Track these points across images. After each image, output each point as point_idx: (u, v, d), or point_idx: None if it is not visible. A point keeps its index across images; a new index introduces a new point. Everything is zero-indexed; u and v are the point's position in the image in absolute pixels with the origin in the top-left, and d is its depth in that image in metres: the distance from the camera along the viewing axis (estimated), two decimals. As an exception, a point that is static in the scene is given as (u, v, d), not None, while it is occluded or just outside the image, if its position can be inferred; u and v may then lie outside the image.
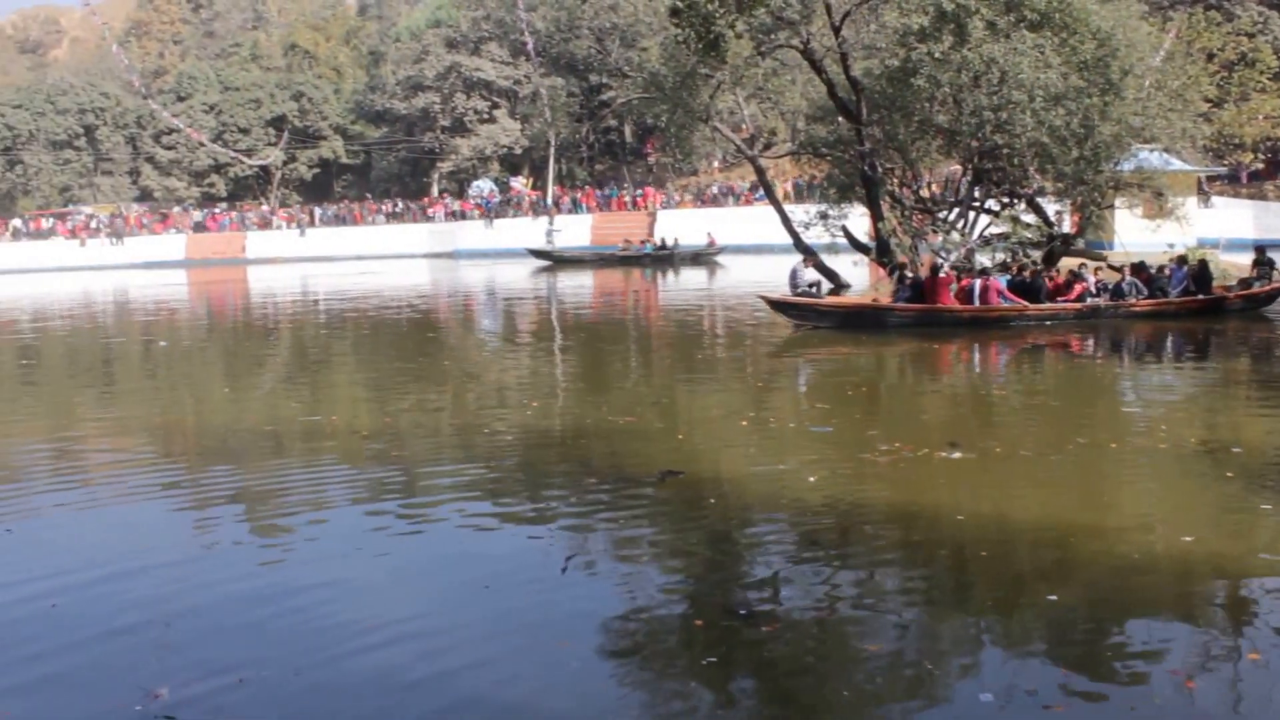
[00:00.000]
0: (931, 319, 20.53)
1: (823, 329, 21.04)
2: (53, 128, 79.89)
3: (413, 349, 22.12)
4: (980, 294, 20.47)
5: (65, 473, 11.67)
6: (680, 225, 54.26)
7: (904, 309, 20.90)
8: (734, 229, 50.69)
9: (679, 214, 59.01)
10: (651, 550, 8.22)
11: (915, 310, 20.76)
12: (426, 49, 73.15)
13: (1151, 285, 21.21)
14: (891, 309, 21.08)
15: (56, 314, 36.10)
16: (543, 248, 54.02)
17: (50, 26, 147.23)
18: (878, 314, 21.18)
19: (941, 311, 20.51)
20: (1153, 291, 21.11)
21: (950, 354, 18.71)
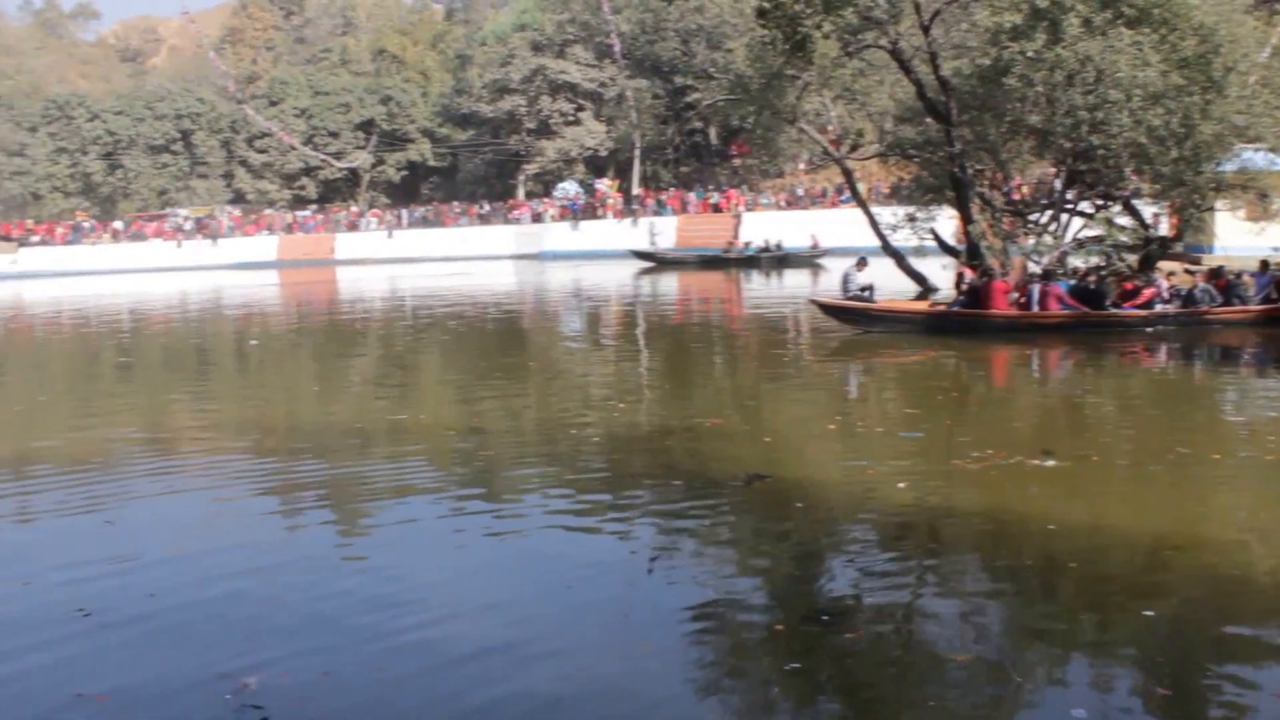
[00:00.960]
0: (985, 325, 20.14)
1: (874, 333, 20.73)
2: (151, 133, 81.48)
3: (500, 349, 22.17)
4: (1039, 300, 20.03)
5: (161, 467, 11.88)
6: (765, 227, 53.91)
7: (957, 314, 20.61)
8: (819, 231, 50.20)
9: (763, 216, 58.66)
10: (735, 553, 8.15)
11: (968, 315, 20.42)
12: (512, 52, 73.50)
13: (1228, 292, 20.38)
14: (945, 314, 20.80)
15: (153, 313, 36.76)
16: (646, 249, 53.81)
17: (149, 35, 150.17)
18: (929, 319, 20.92)
19: (995, 317, 20.13)
20: (1229, 299, 20.29)
21: (1027, 360, 18.26)
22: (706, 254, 51.66)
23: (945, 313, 20.80)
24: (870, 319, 21.05)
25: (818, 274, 41.48)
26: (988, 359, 18.35)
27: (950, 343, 19.32)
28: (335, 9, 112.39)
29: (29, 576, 8.03)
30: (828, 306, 21.80)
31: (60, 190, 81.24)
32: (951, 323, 20.47)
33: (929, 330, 20.51)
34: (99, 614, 7.08)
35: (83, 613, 7.08)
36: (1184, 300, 20.21)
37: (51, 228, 72.90)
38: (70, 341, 28.62)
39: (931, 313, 21.12)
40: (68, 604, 7.27)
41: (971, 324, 20.19)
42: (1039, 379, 17.04)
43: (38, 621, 7.07)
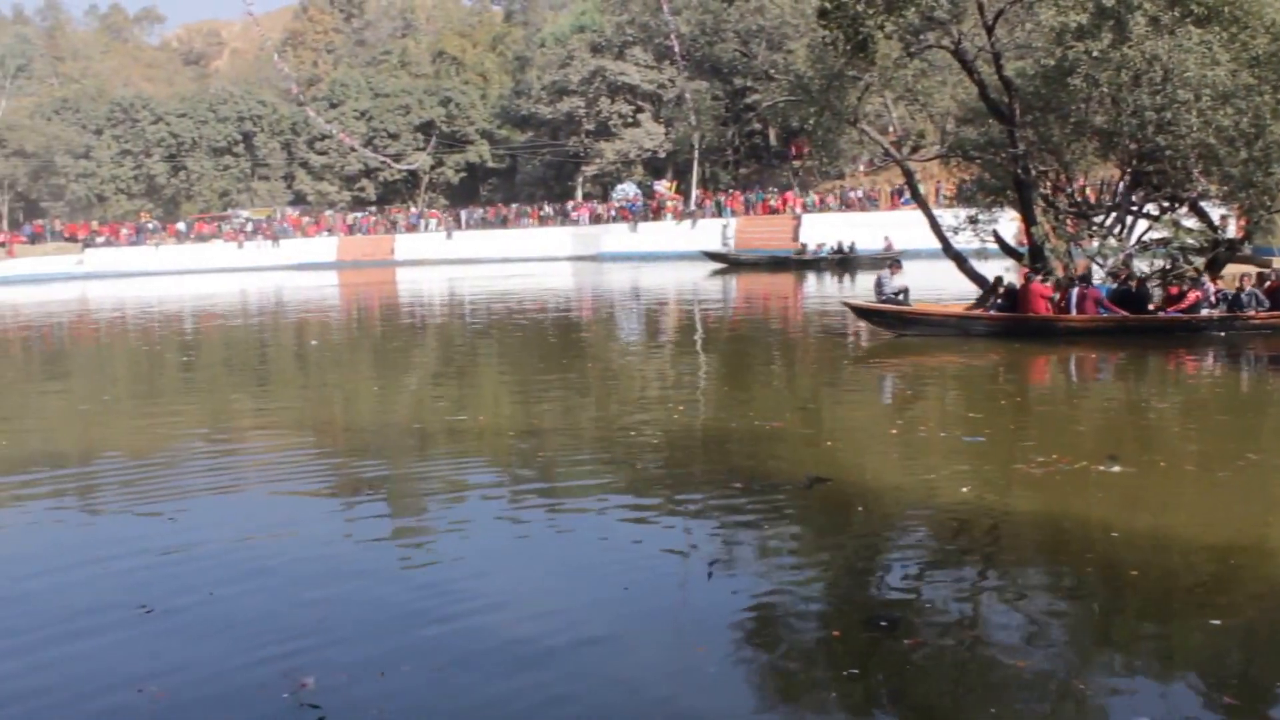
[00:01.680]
0: (1020, 328, 19.90)
1: (907, 336, 20.61)
2: (214, 135, 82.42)
3: (559, 350, 22.17)
4: (1077, 303, 19.73)
5: (222, 465, 12.03)
6: (824, 229, 53.63)
7: (992, 318, 20.38)
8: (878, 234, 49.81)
9: (823, 218, 58.35)
10: (794, 557, 8.09)
11: (1003, 319, 20.20)
12: (571, 54, 73.65)
13: (1276, 296, 19.92)
14: (978, 317, 20.58)
15: (215, 313, 37.14)
16: (719, 250, 53.54)
17: (212, 39, 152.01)
18: (964, 322, 20.72)
19: (1031, 321, 19.88)
20: (1276, 304, 19.84)
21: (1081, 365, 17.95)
22: (779, 255, 51.24)
23: (980, 316, 20.59)
24: (904, 322, 20.98)
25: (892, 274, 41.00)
26: (1039, 363, 18.13)
27: (991, 346, 19.17)
28: (395, 11, 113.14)
29: (93, 572, 8.13)
30: (861, 309, 21.73)
31: (125, 192, 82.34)
32: (987, 326, 20.27)
33: (964, 334, 20.35)
34: (160, 610, 7.16)
35: (145, 609, 7.16)
36: (1230, 304, 19.85)
37: (116, 229, 73.95)
38: (134, 341, 28.95)
39: (966, 316, 20.93)
40: (130, 599, 7.36)
41: (1008, 328, 20.00)
42: (1098, 383, 16.79)
43: (101, 616, 7.15)
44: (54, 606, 7.43)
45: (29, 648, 6.70)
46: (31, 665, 6.44)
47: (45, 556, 8.63)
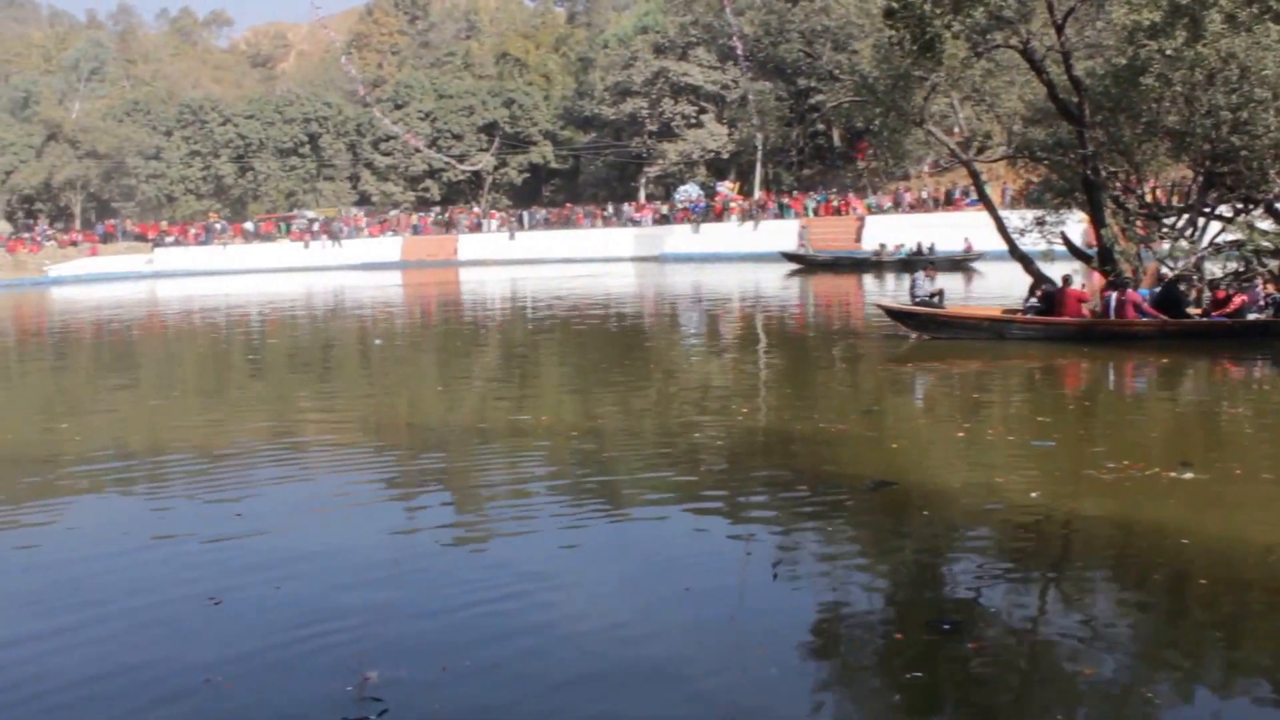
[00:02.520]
0: (1056, 332, 19.64)
1: (940, 339, 20.41)
2: (280, 136, 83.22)
3: (621, 351, 22.14)
4: (1116, 308, 19.42)
5: (288, 462, 12.24)
6: (889, 230, 53.17)
7: (1026, 321, 20.14)
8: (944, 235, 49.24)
9: (887, 219, 57.90)
10: (857, 560, 8.02)
11: (1038, 323, 19.94)
12: (634, 55, 73.60)
13: None
14: (1012, 320, 20.34)
15: (281, 312, 37.50)
16: (796, 251, 53.07)
17: (279, 41, 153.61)
18: (997, 325, 20.46)
19: (1067, 325, 19.62)
20: None
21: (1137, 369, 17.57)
22: (858, 256, 50.55)
23: (1014, 320, 20.38)
24: (937, 325, 20.86)
25: (971, 278, 40.48)
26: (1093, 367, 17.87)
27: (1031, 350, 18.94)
28: (459, 13, 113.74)
29: (163, 563, 8.32)
30: (894, 311, 21.60)
31: (193, 192, 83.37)
32: (1021, 330, 20.05)
33: (996, 336, 20.13)
34: (228, 601, 7.29)
35: (213, 600, 7.29)
36: (1277, 309, 19.39)
37: (185, 228, 74.87)
38: (202, 339, 29.30)
39: (999, 319, 20.71)
40: (199, 590, 7.49)
41: (1043, 331, 19.78)
42: (1163, 389, 16.46)
43: (170, 606, 7.31)
44: (124, 596, 7.58)
45: (100, 637, 6.83)
46: (101, 653, 6.58)
47: (116, 547, 8.82)
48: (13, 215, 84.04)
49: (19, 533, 9.39)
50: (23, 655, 6.62)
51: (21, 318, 40.34)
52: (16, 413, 17.56)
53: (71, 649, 6.67)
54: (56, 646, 6.72)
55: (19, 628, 7.08)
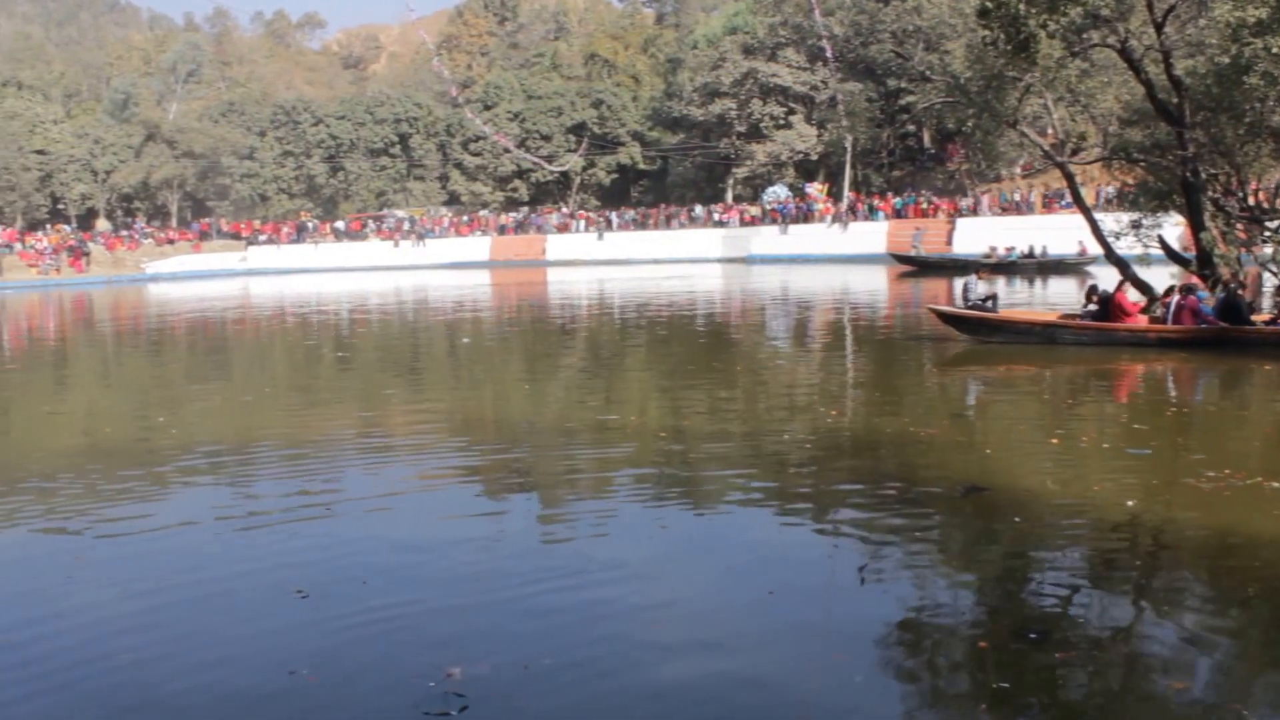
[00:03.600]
0: (1108, 338, 19.27)
1: (992, 343, 20.18)
2: (371, 136, 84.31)
3: (709, 352, 22.05)
4: (1175, 314, 18.96)
5: (375, 457, 12.37)
6: (981, 232, 52.54)
7: (1079, 326, 19.77)
8: (1035, 237, 48.45)
9: (977, 221, 57.21)
10: (945, 566, 7.91)
11: (1091, 328, 19.56)
12: (723, 55, 73.42)
13: None
14: (1065, 326, 20.00)
15: (370, 309, 37.90)
16: (907, 253, 52.45)
17: (370, 43, 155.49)
18: (1049, 330, 20.14)
19: (1120, 331, 19.21)
20: None
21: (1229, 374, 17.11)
22: (968, 259, 49.37)
23: (1066, 324, 20.05)
24: (989, 328, 20.62)
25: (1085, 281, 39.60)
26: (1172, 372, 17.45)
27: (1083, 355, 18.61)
28: (548, 14, 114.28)
29: (252, 556, 8.41)
30: (946, 315, 21.36)
31: (286, 191, 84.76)
32: (1074, 335, 19.70)
33: (1049, 341, 19.80)
34: (315, 595, 7.37)
35: (301, 594, 7.39)
36: None
37: (277, 227, 76.11)
38: (292, 336, 29.69)
39: (1051, 324, 20.41)
40: (287, 584, 7.59)
41: (1095, 336, 19.44)
42: (1261, 397, 16.03)
43: (259, 600, 7.41)
44: (214, 588, 7.70)
45: (189, 630, 6.94)
46: (189, 644, 6.68)
47: (207, 539, 8.97)
48: (112, 214, 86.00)
49: (114, 525, 9.57)
50: (112, 645, 6.75)
51: (120, 313, 41.15)
52: (115, 406, 17.93)
53: (161, 639, 6.78)
54: (145, 637, 6.84)
55: (110, 618, 7.21)
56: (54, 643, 6.79)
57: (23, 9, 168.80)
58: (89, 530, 9.40)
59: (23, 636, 6.94)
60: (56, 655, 6.59)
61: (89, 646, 6.73)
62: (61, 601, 7.56)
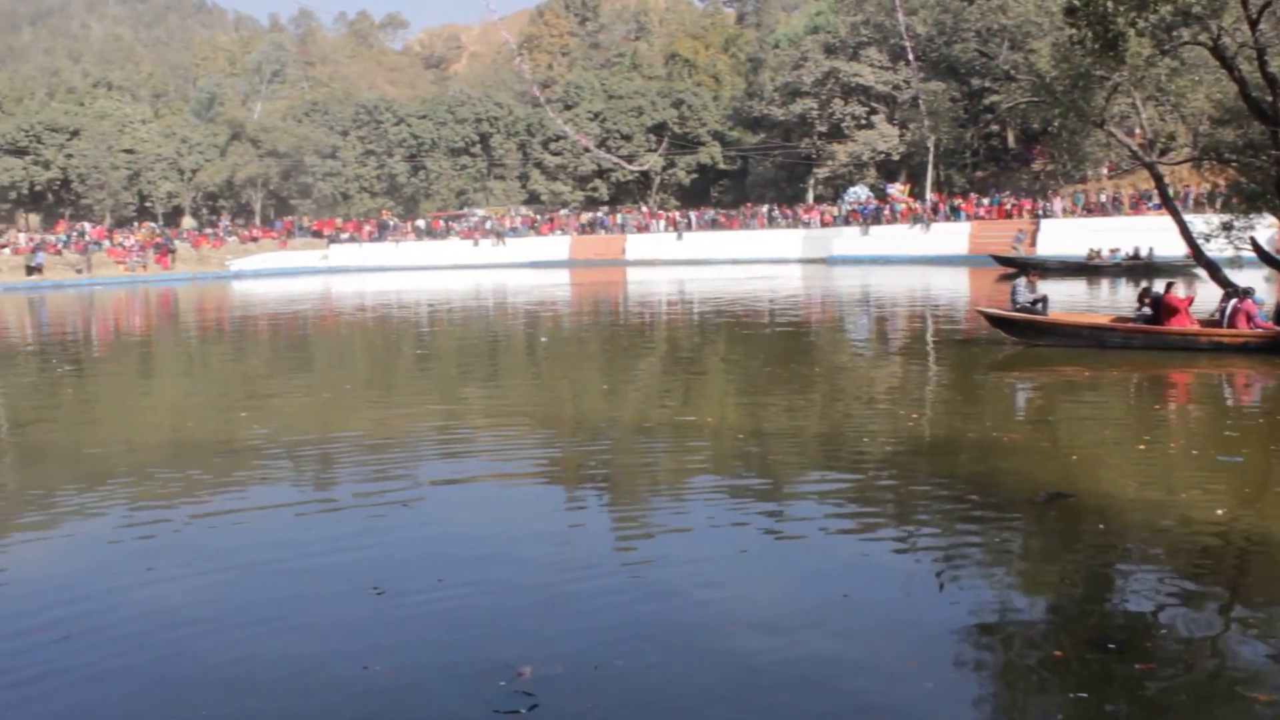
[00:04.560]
0: (1159, 341, 18.89)
1: (1040, 346, 19.89)
2: (452, 136, 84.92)
3: (788, 353, 21.87)
4: (1229, 317, 18.51)
5: (453, 455, 12.43)
6: (1065, 234, 51.72)
7: (1128, 329, 19.42)
8: (1122, 239, 47.51)
9: (1063, 223, 56.29)
10: (1024, 573, 7.81)
11: (1141, 331, 19.20)
12: (804, 55, 73.06)
13: None
14: (1114, 329, 19.66)
15: (449, 308, 38.13)
16: (1008, 254, 51.44)
17: (452, 43, 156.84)
18: (1097, 333, 19.81)
19: (1170, 334, 18.82)
20: None
21: None
22: (1071, 261, 48.33)
23: (1115, 328, 19.73)
24: (1038, 331, 20.34)
25: (1192, 284, 38.71)
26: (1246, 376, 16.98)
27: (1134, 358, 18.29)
28: (629, 14, 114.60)
29: (329, 551, 8.51)
30: (995, 318, 21.11)
31: (367, 190, 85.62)
32: (1123, 338, 19.39)
33: (1099, 345, 19.45)
34: (391, 591, 7.44)
35: (377, 590, 7.45)
36: None
37: (359, 225, 76.69)
38: (373, 333, 29.93)
39: (1099, 327, 20.09)
40: (364, 580, 7.66)
41: (1144, 339, 19.11)
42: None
43: (335, 594, 7.49)
44: (292, 582, 7.83)
45: (265, 620, 7.07)
46: (266, 635, 6.80)
47: (286, 534, 9.11)
48: (198, 212, 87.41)
49: (194, 518, 9.71)
50: (190, 636, 6.85)
51: (204, 310, 41.75)
52: (198, 401, 18.17)
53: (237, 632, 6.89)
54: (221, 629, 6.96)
55: (187, 610, 7.31)
56: (131, 630, 6.95)
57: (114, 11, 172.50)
58: (170, 522, 9.55)
59: (102, 623, 7.10)
60: (134, 643, 6.74)
61: (166, 636, 6.86)
62: (141, 591, 7.71)
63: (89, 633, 6.93)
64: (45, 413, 17.02)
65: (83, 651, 6.65)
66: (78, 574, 8.25)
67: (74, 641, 6.80)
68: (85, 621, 7.13)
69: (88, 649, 6.68)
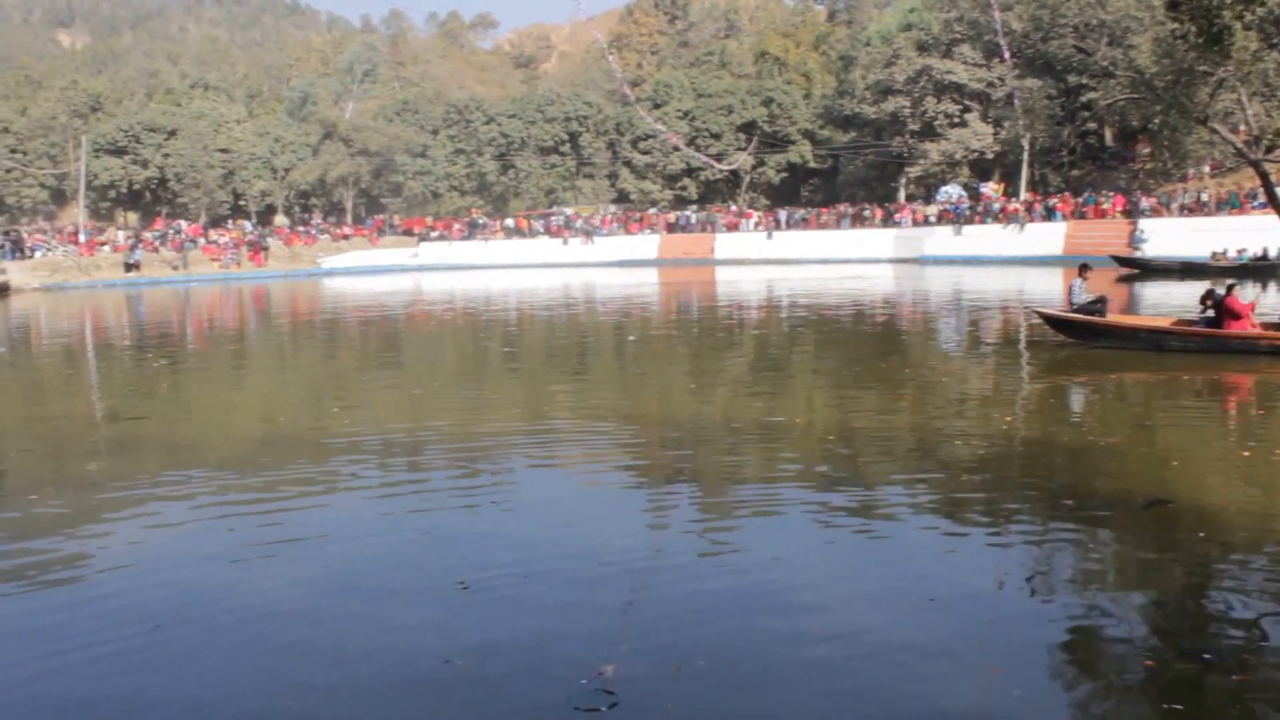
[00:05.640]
0: (1218, 345, 18.37)
1: (1097, 348, 19.46)
2: (541, 135, 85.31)
3: (879, 354, 21.60)
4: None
5: (541, 453, 12.45)
6: (1164, 234, 50.54)
7: (1186, 332, 18.91)
8: (1226, 240, 46.18)
9: (1163, 223, 54.91)
10: (1119, 580, 7.62)
11: (1199, 334, 18.68)
12: (897, 53, 72.30)
13: None
14: (1171, 331, 19.13)
15: (538, 306, 38.25)
16: (1129, 255, 50.08)
17: (541, 42, 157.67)
18: (1154, 335, 19.28)
19: (1230, 338, 18.28)
20: None
21: None
22: (1194, 262, 46.61)
23: (1173, 330, 19.21)
24: (1094, 333, 19.92)
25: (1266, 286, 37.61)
26: None
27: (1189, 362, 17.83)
28: (718, 13, 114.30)
29: (419, 548, 8.57)
30: (1051, 318, 20.76)
31: (457, 189, 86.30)
32: (1181, 340, 18.90)
33: (1156, 348, 18.98)
34: (476, 587, 7.49)
35: (462, 585, 7.52)
36: None
37: (449, 224, 77.22)
38: (462, 330, 30.05)
39: (1157, 329, 19.55)
40: (450, 575, 7.75)
41: (1202, 343, 18.61)
42: None
43: (421, 589, 7.58)
44: (378, 575, 7.93)
45: (351, 615, 7.15)
46: (351, 628, 6.89)
47: (375, 529, 9.19)
48: (290, 210, 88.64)
49: (284, 512, 9.85)
50: (275, 629, 6.97)
51: (296, 306, 42.26)
52: (290, 396, 18.37)
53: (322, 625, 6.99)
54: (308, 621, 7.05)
55: (274, 603, 7.42)
56: (221, 621, 7.07)
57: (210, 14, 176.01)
58: (260, 515, 9.69)
59: (193, 614, 7.22)
60: (221, 636, 6.85)
61: (254, 627, 6.98)
62: (231, 583, 7.84)
63: (181, 623, 7.06)
64: (141, 406, 17.32)
65: (175, 641, 6.77)
66: (170, 564, 8.41)
67: (166, 631, 6.93)
68: (177, 612, 7.26)
69: (179, 638, 6.81)
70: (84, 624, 7.08)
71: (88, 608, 7.44)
